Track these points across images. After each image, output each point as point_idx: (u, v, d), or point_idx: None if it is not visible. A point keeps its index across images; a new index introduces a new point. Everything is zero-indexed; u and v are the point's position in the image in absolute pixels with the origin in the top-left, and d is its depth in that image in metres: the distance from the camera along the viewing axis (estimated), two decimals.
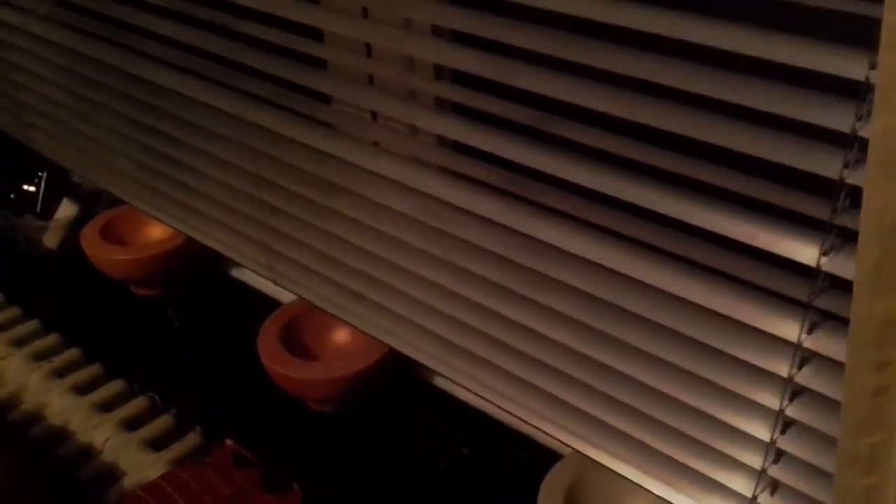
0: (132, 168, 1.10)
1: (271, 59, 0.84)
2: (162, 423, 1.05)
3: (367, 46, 0.80)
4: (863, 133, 0.49)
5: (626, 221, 0.65)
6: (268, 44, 0.83)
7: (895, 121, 0.41)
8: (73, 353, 1.24)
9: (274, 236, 0.96)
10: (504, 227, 0.73)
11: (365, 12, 0.76)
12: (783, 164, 0.54)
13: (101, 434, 1.04)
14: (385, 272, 0.86)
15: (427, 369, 0.98)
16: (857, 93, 0.49)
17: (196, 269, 1.25)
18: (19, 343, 1.26)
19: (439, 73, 0.77)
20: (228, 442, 0.95)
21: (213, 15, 0.85)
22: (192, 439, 1.02)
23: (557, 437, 0.79)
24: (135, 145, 1.07)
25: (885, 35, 0.39)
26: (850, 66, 0.48)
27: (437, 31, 0.73)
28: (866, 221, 0.44)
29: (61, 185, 1.35)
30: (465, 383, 0.85)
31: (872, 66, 0.47)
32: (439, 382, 1.05)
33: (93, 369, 1.21)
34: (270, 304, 1.16)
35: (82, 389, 1.16)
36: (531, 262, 0.72)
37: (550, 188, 0.69)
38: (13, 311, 1.32)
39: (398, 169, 0.78)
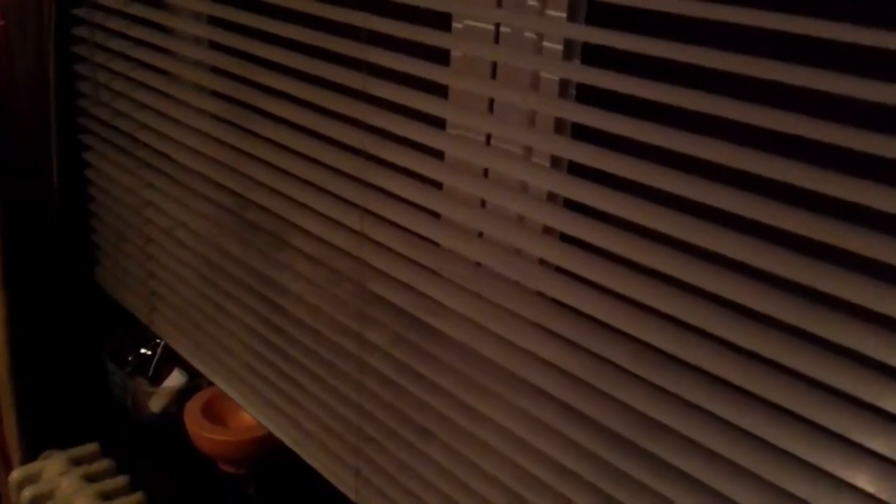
0: (242, 369, 1.18)
1: (396, 316, 0.93)
2: None
3: (474, 322, 0.88)
4: None
5: None
6: (393, 304, 0.93)
7: None
8: None
9: (366, 464, 1.02)
10: None
11: (480, 296, 0.85)
12: None
13: None
14: None
15: None
16: None
17: (282, 455, 1.31)
18: (106, 497, 1.34)
19: (548, 368, 0.84)
20: None
21: (352, 268, 0.94)
22: None
23: None
24: (249, 351, 1.15)
25: None
26: None
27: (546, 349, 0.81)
28: None
29: (174, 354, 1.41)
30: None
31: None
32: None
33: None
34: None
35: None
36: None
37: None
38: (106, 464, 1.40)
39: (493, 435, 0.85)
